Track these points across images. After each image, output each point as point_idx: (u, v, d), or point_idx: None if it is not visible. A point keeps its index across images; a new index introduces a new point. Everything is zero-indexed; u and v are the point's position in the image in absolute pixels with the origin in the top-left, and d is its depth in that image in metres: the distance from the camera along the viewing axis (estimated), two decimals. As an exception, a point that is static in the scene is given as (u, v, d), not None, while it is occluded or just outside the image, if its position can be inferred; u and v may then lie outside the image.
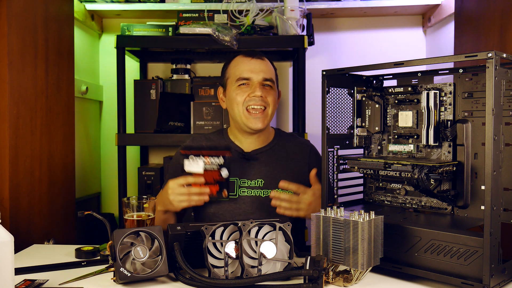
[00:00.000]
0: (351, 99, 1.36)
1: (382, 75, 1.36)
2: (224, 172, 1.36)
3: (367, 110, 1.36)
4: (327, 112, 1.27)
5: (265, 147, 1.62)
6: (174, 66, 2.39)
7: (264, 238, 1.11)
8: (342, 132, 1.34)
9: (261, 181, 1.56)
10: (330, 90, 1.29)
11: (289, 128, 2.58)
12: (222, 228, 1.11)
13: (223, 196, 1.37)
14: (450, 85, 1.22)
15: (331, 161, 1.30)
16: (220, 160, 1.35)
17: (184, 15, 2.19)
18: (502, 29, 1.59)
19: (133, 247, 1.07)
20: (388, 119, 1.35)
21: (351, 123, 1.37)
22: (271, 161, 1.60)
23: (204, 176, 1.34)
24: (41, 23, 1.72)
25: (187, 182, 1.36)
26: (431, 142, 1.22)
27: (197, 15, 2.19)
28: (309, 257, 1.04)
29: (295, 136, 1.74)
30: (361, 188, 1.42)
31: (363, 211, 1.04)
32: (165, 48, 2.23)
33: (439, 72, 1.25)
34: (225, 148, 1.37)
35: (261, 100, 1.53)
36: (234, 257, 1.08)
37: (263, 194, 1.54)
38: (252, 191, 1.55)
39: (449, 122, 1.22)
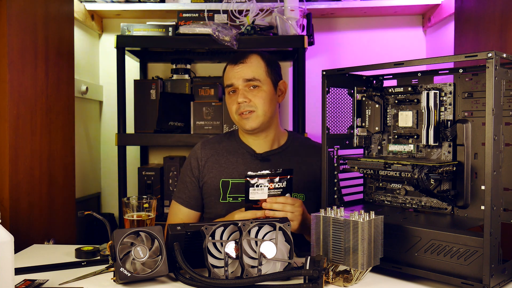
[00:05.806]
0: (351, 99, 1.36)
1: (382, 75, 1.36)
2: (287, 196, 1.37)
3: (367, 110, 1.36)
4: (327, 112, 1.27)
5: (278, 149, 1.62)
6: (174, 66, 2.39)
7: (264, 238, 1.11)
8: (342, 132, 1.34)
9: None
10: (330, 90, 1.29)
11: (289, 128, 2.57)
12: (222, 228, 1.11)
13: None
14: (450, 85, 1.22)
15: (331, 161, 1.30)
16: (283, 184, 1.35)
17: (184, 15, 2.19)
18: (502, 29, 1.59)
19: (133, 247, 1.07)
20: (388, 119, 1.35)
21: (351, 123, 1.37)
22: (283, 164, 1.59)
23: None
24: (41, 23, 1.72)
25: (256, 217, 1.33)
26: (431, 142, 1.22)
27: (197, 15, 2.19)
28: (309, 257, 1.04)
29: (309, 139, 1.74)
30: (361, 188, 1.42)
31: (363, 211, 1.04)
32: (165, 48, 2.23)
33: (439, 72, 1.25)
34: (289, 171, 1.36)
35: (246, 105, 1.54)
36: (234, 257, 1.08)
37: None
38: None
39: (449, 122, 1.22)
